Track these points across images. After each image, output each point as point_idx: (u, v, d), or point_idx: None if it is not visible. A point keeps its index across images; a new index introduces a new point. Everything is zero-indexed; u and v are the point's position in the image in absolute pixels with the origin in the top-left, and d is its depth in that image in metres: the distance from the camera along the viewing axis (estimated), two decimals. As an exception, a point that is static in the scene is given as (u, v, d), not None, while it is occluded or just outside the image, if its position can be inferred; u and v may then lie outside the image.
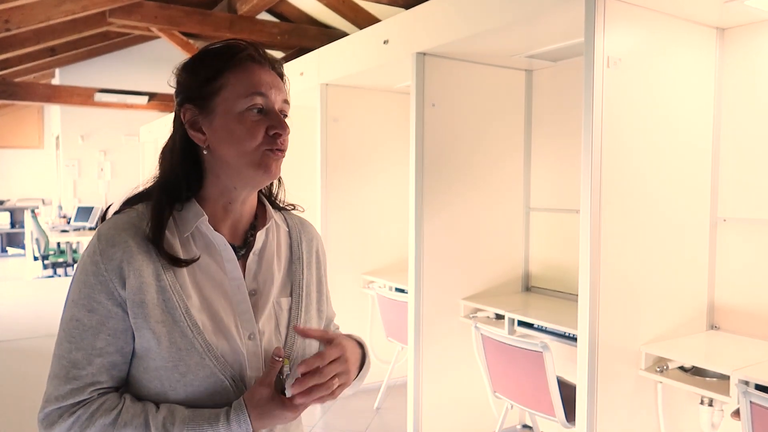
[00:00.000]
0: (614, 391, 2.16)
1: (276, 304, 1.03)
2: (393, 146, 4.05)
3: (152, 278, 0.91)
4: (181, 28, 5.70)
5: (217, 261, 0.98)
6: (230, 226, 1.02)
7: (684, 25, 2.30)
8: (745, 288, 2.37)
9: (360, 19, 5.54)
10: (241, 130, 0.95)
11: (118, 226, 0.94)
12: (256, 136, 0.95)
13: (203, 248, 0.98)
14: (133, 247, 0.92)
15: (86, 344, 0.90)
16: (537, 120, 3.31)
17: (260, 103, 0.96)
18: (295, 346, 1.02)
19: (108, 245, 0.92)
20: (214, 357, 0.93)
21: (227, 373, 0.93)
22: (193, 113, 0.98)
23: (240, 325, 0.97)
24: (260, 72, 0.98)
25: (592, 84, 2.05)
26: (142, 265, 0.91)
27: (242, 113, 0.95)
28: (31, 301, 6.97)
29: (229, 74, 0.96)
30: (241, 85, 0.96)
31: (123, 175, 9.53)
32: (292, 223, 1.13)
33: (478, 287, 3.20)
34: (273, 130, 0.96)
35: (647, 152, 2.21)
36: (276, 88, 0.99)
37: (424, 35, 2.89)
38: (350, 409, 3.71)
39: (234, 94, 0.96)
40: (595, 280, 2.09)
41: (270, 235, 1.06)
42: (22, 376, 4.09)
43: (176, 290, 0.93)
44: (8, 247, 11.37)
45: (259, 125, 0.96)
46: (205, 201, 0.99)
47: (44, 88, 8.06)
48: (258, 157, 0.96)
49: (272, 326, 1.01)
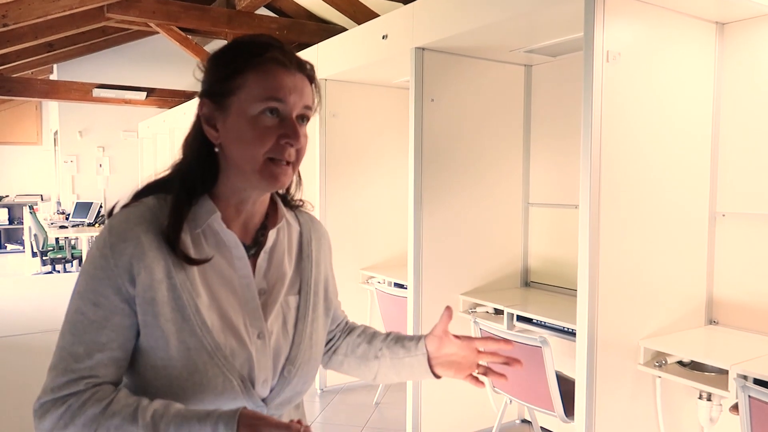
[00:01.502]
0: (613, 386, 2.16)
1: (284, 302, 1.02)
2: (392, 141, 4.05)
3: (163, 275, 0.90)
4: (179, 23, 5.68)
5: (228, 259, 0.97)
6: (241, 225, 1.00)
7: (683, 19, 2.30)
8: (744, 283, 2.37)
9: (359, 14, 5.52)
10: (252, 134, 0.92)
11: (130, 220, 0.92)
12: (265, 143, 0.92)
13: (214, 245, 0.96)
14: (144, 244, 0.90)
15: (89, 338, 0.89)
16: (536, 115, 3.31)
17: (276, 108, 0.92)
18: (302, 345, 1.01)
19: (119, 240, 0.90)
20: (223, 357, 0.92)
21: (235, 374, 0.92)
22: (210, 108, 0.95)
23: (248, 324, 0.96)
24: (282, 75, 0.93)
25: (592, 79, 2.05)
26: (153, 262, 0.90)
27: (256, 117, 0.92)
28: (29, 298, 6.94)
29: (248, 74, 0.93)
30: (259, 87, 0.92)
31: (121, 170, 9.52)
32: (303, 221, 1.12)
33: (477, 282, 3.20)
34: (284, 139, 0.92)
35: (646, 147, 2.21)
36: (298, 92, 0.94)
37: (423, 30, 2.88)
38: (350, 404, 3.72)
39: (251, 96, 0.92)
40: (594, 275, 2.09)
41: (281, 233, 1.05)
42: (20, 372, 4.09)
43: (186, 288, 0.91)
44: (7, 243, 11.35)
45: (270, 132, 0.92)
46: (217, 198, 0.98)
47: (42, 83, 8.04)
48: (264, 164, 0.92)
49: (280, 325, 1.00)
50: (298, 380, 1.00)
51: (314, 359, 1.04)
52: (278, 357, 0.99)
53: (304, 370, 1.01)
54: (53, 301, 0.98)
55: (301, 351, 1.01)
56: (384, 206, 4.07)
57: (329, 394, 3.89)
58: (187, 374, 0.90)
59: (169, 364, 0.90)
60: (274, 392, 0.98)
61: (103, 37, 8.01)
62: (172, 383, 0.90)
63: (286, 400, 1.00)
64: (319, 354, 1.06)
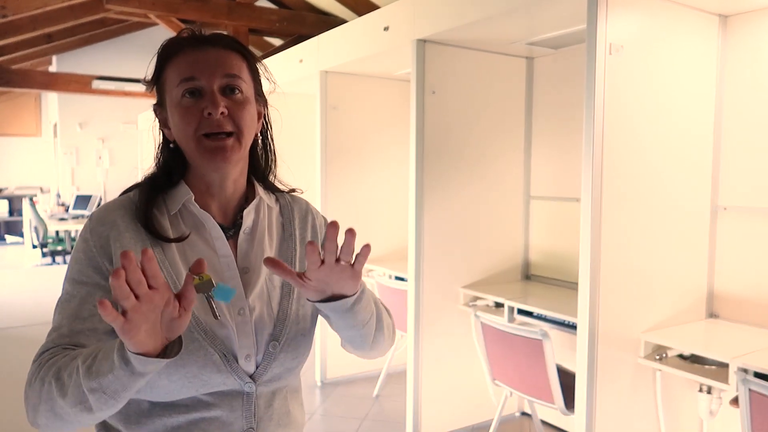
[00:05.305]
0: (613, 379, 2.16)
1: (268, 280, 1.03)
2: (393, 134, 4.03)
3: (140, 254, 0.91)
4: (178, 14, 5.66)
5: (207, 239, 1.00)
6: (219, 207, 1.03)
7: (686, 12, 2.29)
8: (745, 276, 2.37)
9: (359, 6, 5.49)
10: (179, 118, 0.95)
11: (108, 207, 0.99)
12: (190, 122, 0.94)
13: (192, 227, 1.00)
14: (120, 225, 0.95)
15: (71, 312, 0.91)
16: (538, 108, 3.30)
17: (193, 87, 0.94)
18: (287, 321, 1.02)
19: (98, 224, 0.96)
20: (203, 330, 0.93)
21: (217, 347, 0.94)
22: (159, 112, 1.02)
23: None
24: (194, 54, 0.96)
25: (594, 71, 2.04)
26: (129, 243, 0.94)
27: (179, 102, 0.95)
28: (29, 289, 6.97)
29: (167, 68, 0.98)
30: (174, 75, 0.96)
31: (121, 162, 9.51)
32: (284, 202, 1.13)
33: (478, 275, 3.20)
34: (205, 111, 0.94)
35: (648, 140, 2.20)
36: (211, 65, 0.95)
37: (425, 22, 2.86)
38: (349, 397, 3.73)
39: (171, 85, 0.96)
40: (595, 269, 2.09)
41: (260, 214, 1.07)
42: (20, 363, 4.10)
43: (165, 267, 0.94)
44: (7, 235, 11.35)
45: (192, 110, 0.94)
46: (191, 185, 1.02)
47: (41, 75, 8.02)
48: (197, 142, 0.95)
49: (264, 302, 1.01)
50: (286, 356, 1.01)
51: (302, 335, 1.04)
52: (261, 333, 0.99)
53: (291, 346, 1.01)
54: (53, 293, 0.97)
55: (286, 327, 1.01)
56: (385, 199, 4.06)
57: (329, 387, 3.90)
58: None
59: None
60: (261, 368, 0.99)
61: (103, 28, 7.98)
62: None
63: (275, 376, 1.00)
64: (308, 330, 1.06)
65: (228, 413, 0.96)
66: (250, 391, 0.98)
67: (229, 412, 0.96)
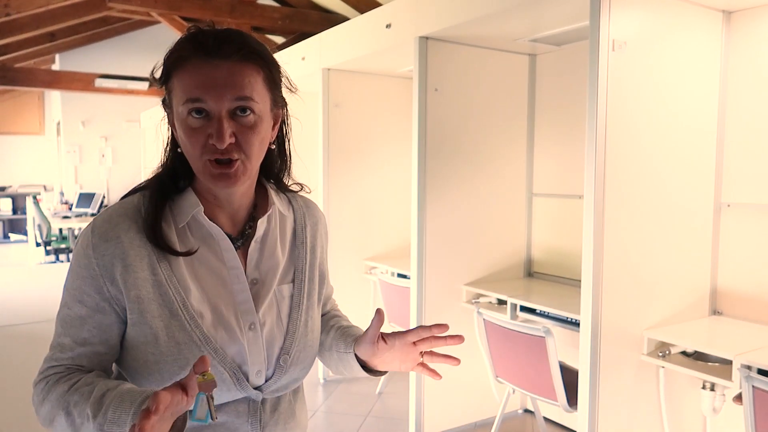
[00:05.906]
0: (616, 376, 2.16)
1: (277, 291, 1.01)
2: (395, 131, 4.03)
3: (147, 272, 0.90)
4: (181, 12, 5.66)
5: (215, 251, 0.96)
6: (228, 217, 0.99)
7: (690, 8, 2.28)
8: (748, 273, 2.36)
9: (362, 4, 5.49)
10: (185, 138, 0.90)
11: (112, 219, 0.92)
12: (195, 146, 0.88)
13: (200, 239, 0.96)
14: (125, 242, 0.90)
15: (73, 332, 0.91)
16: (540, 105, 3.30)
17: (199, 107, 0.87)
18: (297, 334, 1.01)
19: (101, 240, 0.90)
20: (213, 349, 0.92)
21: (227, 366, 0.92)
22: (168, 113, 0.96)
23: (240, 316, 0.96)
24: (202, 70, 0.87)
25: (597, 68, 2.03)
26: (135, 261, 0.90)
27: (185, 119, 0.89)
28: (33, 287, 6.99)
29: (173, 77, 0.90)
30: (181, 89, 0.89)
31: (124, 161, 9.52)
32: (297, 206, 1.09)
33: (481, 273, 3.20)
34: (210, 140, 0.88)
35: (652, 137, 2.20)
36: (221, 86, 0.87)
37: (427, 19, 2.86)
38: (352, 394, 3.73)
39: (177, 99, 0.89)
40: (598, 266, 2.09)
41: (272, 221, 1.03)
42: (24, 360, 4.12)
43: (173, 283, 0.91)
44: (10, 233, 11.38)
45: (198, 133, 0.88)
46: (199, 193, 0.97)
47: (44, 73, 8.04)
48: (204, 166, 0.90)
49: (273, 315, 1.00)
50: (295, 368, 1.00)
51: (310, 347, 1.03)
52: (272, 347, 0.98)
53: (300, 359, 1.00)
54: (57, 291, 0.97)
55: (296, 340, 1.00)
56: (387, 196, 4.06)
57: (332, 384, 3.90)
58: (178, 368, 0.90)
59: (160, 359, 0.90)
60: (271, 381, 0.98)
61: (105, 26, 7.99)
62: (164, 377, 0.90)
63: (282, 386, 1.00)
64: (316, 341, 1.05)
65: (234, 419, 0.96)
66: (257, 399, 0.97)
67: (235, 417, 0.96)
